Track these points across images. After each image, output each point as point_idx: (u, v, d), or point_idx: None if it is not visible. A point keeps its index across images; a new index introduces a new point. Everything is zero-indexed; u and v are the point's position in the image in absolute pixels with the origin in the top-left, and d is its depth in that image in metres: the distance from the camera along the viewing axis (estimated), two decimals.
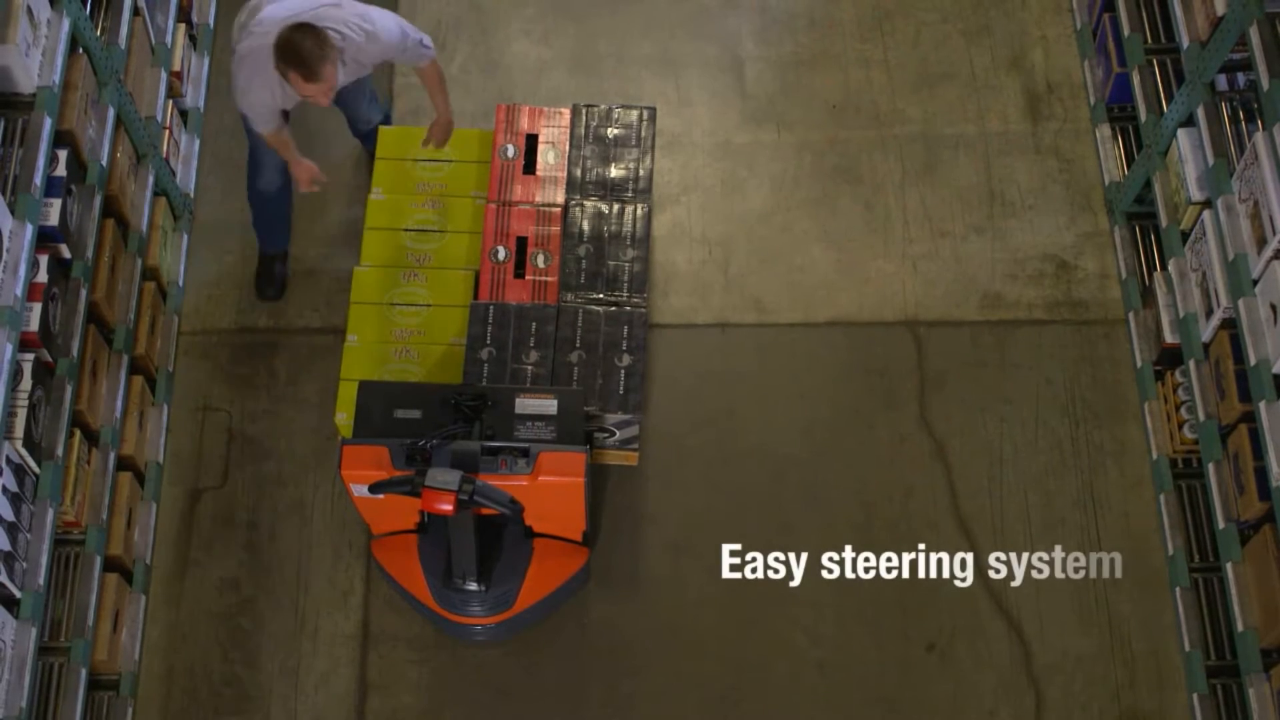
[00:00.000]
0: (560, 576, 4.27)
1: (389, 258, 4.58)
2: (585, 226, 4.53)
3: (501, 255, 4.48)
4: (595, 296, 4.45)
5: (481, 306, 4.38)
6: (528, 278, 4.48)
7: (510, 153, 4.63)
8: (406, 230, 4.62)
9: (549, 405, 4.09)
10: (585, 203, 4.55)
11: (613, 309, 4.41)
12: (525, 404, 4.09)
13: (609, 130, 4.65)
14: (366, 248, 4.60)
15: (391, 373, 4.40)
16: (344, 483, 3.95)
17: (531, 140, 4.67)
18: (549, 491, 3.96)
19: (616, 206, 4.56)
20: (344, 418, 4.33)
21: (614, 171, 4.60)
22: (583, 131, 4.66)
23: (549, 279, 4.48)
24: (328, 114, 5.24)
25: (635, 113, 4.69)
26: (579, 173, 4.60)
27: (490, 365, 4.31)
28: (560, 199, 4.58)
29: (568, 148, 4.64)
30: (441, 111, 4.53)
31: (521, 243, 4.52)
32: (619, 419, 4.33)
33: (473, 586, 4.10)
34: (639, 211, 4.55)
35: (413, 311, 4.50)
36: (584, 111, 4.68)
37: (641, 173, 4.61)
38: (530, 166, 4.65)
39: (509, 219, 4.54)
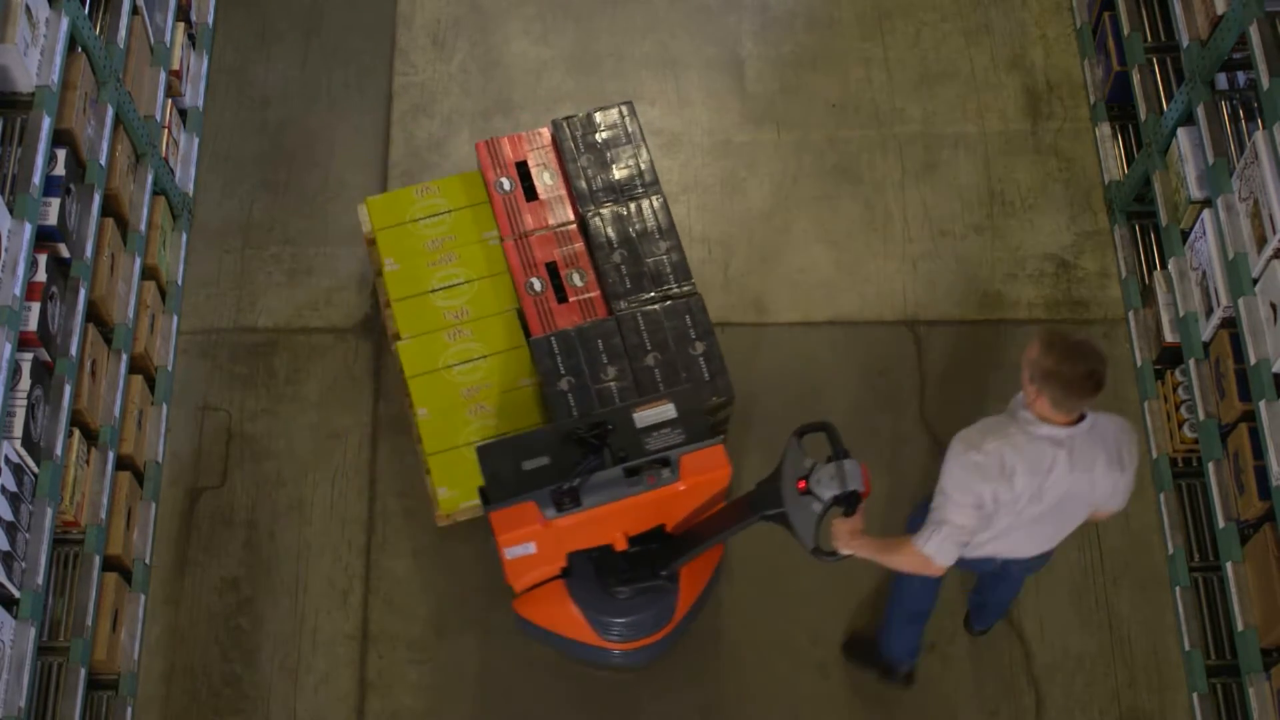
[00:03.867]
0: (706, 574, 4.22)
1: (427, 324, 4.45)
2: (610, 233, 4.49)
3: (538, 286, 4.41)
4: (646, 296, 4.41)
5: (543, 341, 4.32)
6: (571, 299, 4.42)
7: (506, 185, 4.55)
8: (433, 291, 4.49)
9: (667, 410, 4.04)
10: (601, 210, 4.52)
11: (667, 303, 4.38)
12: (644, 416, 4.04)
13: (596, 135, 4.62)
14: (401, 320, 4.45)
15: (473, 431, 4.30)
16: (499, 549, 3.85)
17: (522, 167, 4.58)
18: (700, 491, 3.91)
19: (633, 205, 4.52)
20: (447, 491, 4.24)
21: (617, 173, 4.59)
22: (570, 144, 4.59)
23: (592, 294, 4.43)
24: (323, 116, 5.25)
25: (614, 112, 4.65)
26: (583, 184, 4.55)
27: (573, 394, 4.25)
28: (572, 215, 4.54)
29: (561, 164, 4.59)
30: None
31: (552, 268, 4.46)
32: (713, 403, 4.29)
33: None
34: (655, 204, 4.52)
35: (471, 368, 4.39)
36: (564, 125, 4.62)
37: (643, 166, 4.59)
38: (531, 193, 4.57)
39: (531, 249, 4.47)
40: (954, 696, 4.34)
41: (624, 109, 4.65)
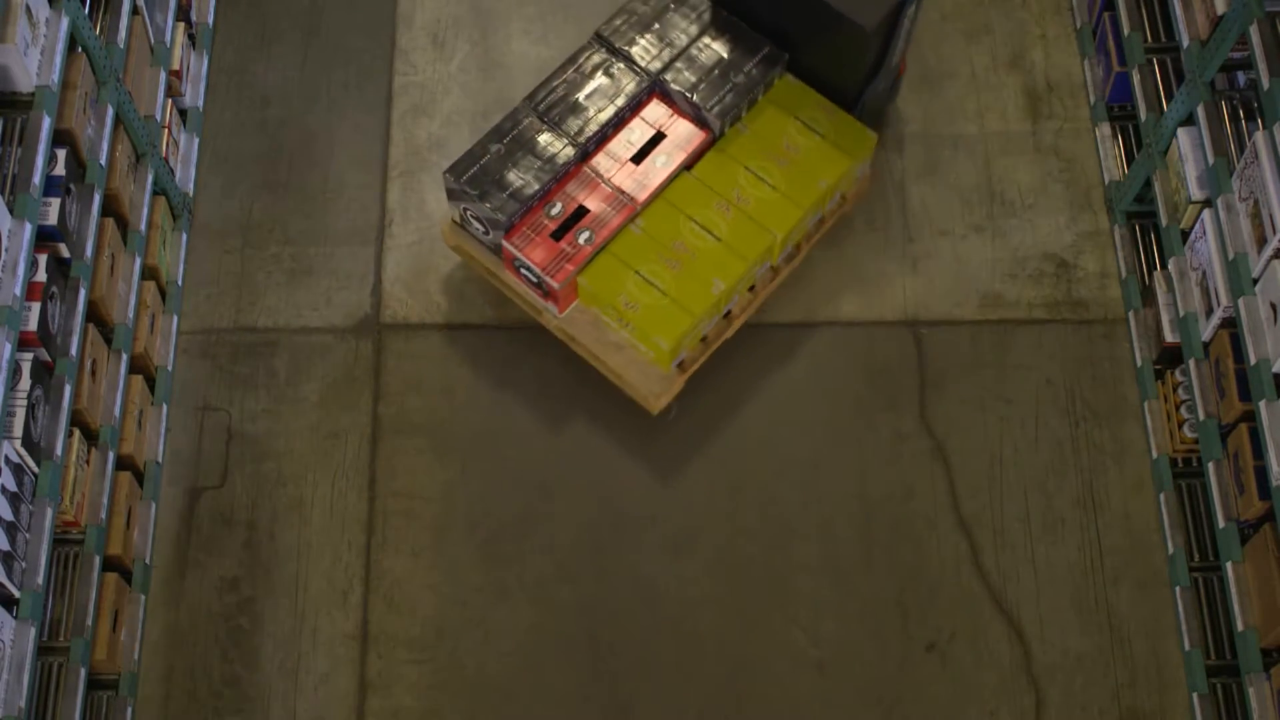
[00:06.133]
0: None
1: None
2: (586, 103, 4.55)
3: (660, 161, 4.45)
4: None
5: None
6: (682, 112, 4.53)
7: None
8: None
9: None
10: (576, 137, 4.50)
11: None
12: None
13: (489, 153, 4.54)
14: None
15: None
16: None
17: (533, 218, 4.43)
18: None
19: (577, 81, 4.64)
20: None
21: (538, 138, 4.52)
22: (492, 173, 4.46)
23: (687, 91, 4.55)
24: (330, 116, 5.25)
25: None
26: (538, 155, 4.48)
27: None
28: (573, 153, 4.48)
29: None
30: None
31: (651, 144, 4.52)
32: None
33: None
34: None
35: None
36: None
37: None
38: (567, 227, 4.45)
39: (628, 172, 4.47)
40: (953, 696, 4.34)
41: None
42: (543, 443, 4.69)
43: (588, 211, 4.43)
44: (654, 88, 4.49)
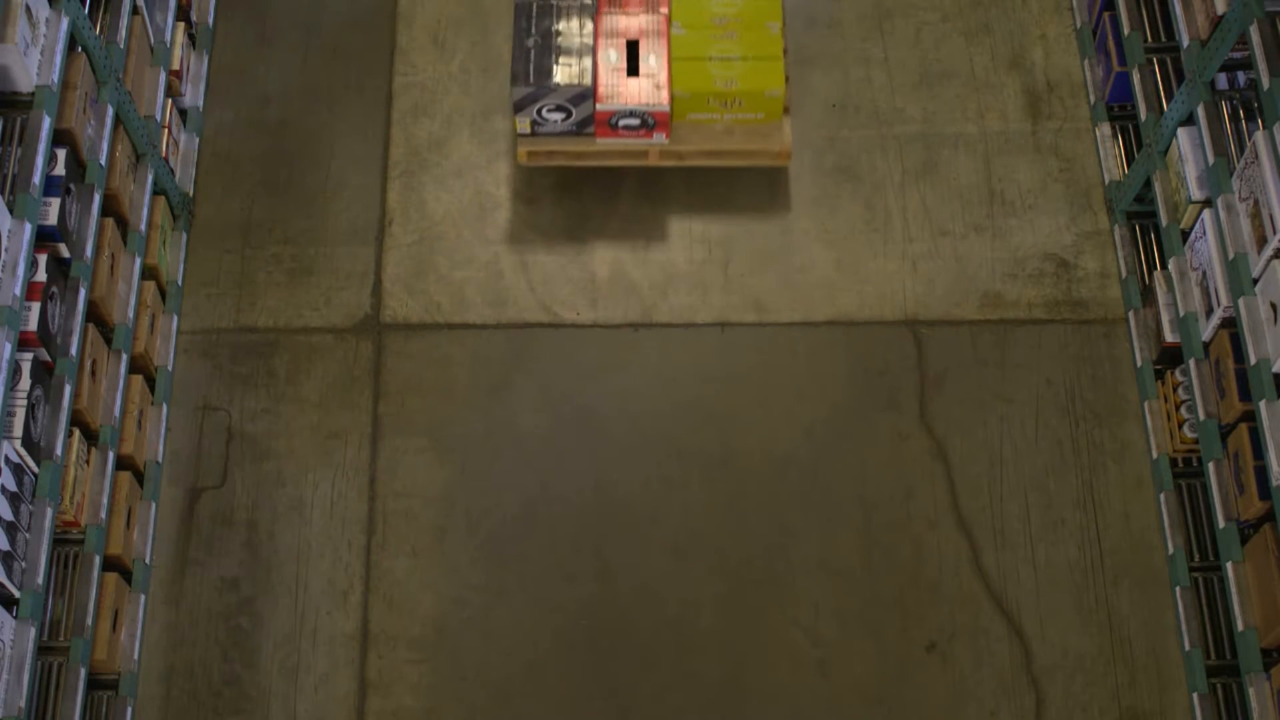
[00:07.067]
0: None
1: None
2: None
3: None
4: None
5: None
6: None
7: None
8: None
9: None
10: None
11: None
12: None
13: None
14: None
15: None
16: None
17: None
18: None
19: None
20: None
21: None
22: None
23: None
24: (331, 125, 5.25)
25: None
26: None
27: None
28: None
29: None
30: None
31: None
32: None
33: None
34: None
35: None
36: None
37: None
38: (632, 65, 4.72)
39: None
40: (954, 696, 4.34)
41: None
42: (542, 442, 4.69)
43: (638, 41, 4.73)
44: None
